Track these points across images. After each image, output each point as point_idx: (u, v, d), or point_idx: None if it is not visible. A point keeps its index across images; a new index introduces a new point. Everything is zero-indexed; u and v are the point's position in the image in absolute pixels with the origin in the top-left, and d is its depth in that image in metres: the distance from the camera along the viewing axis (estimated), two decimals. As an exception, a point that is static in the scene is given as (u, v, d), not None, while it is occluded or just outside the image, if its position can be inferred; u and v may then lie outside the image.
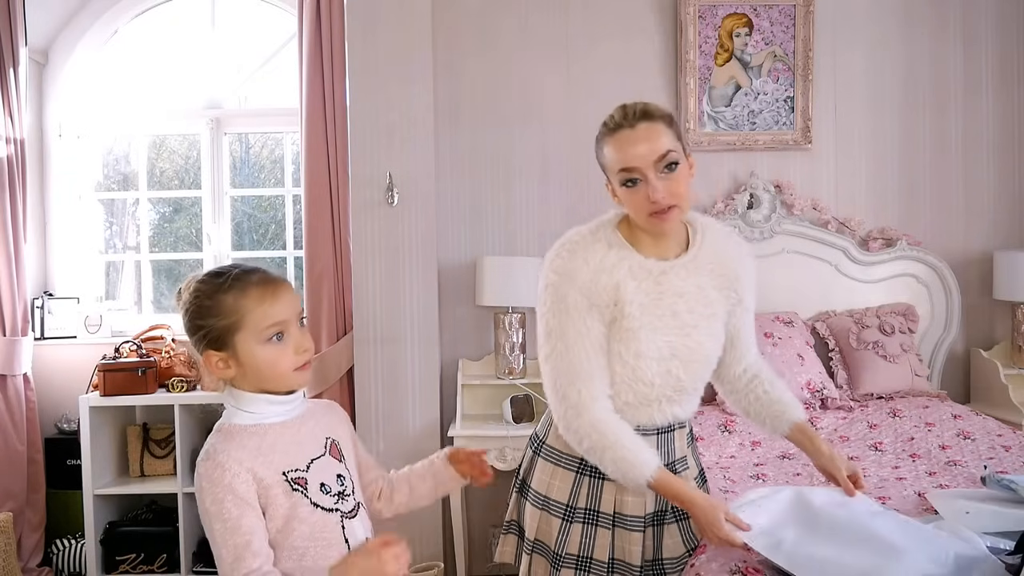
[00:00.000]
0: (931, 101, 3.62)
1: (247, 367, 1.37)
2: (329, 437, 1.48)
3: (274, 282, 1.39)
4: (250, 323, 1.35)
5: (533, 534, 1.78)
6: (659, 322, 1.65)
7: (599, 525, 1.73)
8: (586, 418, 1.62)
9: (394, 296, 3.28)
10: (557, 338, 1.64)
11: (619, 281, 1.63)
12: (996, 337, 3.62)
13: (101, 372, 3.44)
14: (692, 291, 1.68)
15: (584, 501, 1.73)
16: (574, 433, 1.65)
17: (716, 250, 1.74)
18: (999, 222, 3.63)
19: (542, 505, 1.76)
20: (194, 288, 1.38)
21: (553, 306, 1.64)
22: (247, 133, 4.11)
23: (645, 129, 1.59)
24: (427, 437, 3.30)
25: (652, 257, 1.67)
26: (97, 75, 3.97)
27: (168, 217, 4.20)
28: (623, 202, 1.65)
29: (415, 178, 3.26)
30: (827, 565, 1.49)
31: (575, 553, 1.73)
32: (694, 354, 1.70)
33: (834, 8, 3.57)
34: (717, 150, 3.58)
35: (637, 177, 1.59)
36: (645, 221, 1.63)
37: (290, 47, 3.83)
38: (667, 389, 1.69)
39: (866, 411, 3.08)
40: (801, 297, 3.51)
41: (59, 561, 3.58)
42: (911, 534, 1.58)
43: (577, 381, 1.63)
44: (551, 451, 1.76)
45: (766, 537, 1.58)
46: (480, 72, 3.57)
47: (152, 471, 3.62)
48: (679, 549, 1.74)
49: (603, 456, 1.62)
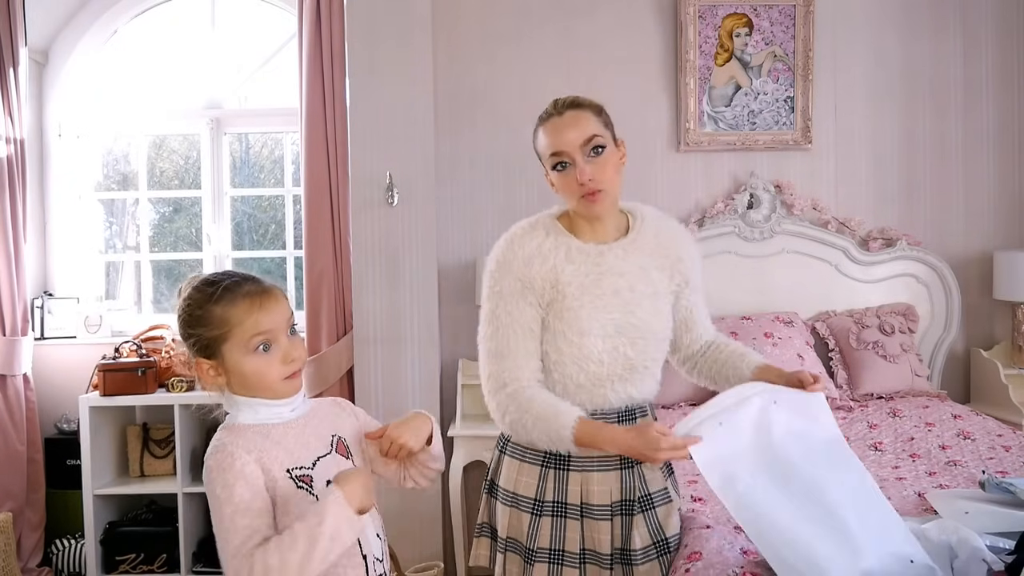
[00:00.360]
0: (931, 101, 3.62)
1: (235, 376, 1.38)
2: (335, 435, 1.48)
3: (264, 292, 1.39)
4: (237, 334, 1.36)
5: (505, 532, 1.79)
6: (600, 301, 1.70)
7: (568, 517, 1.75)
8: (507, 391, 1.69)
9: (394, 296, 3.28)
10: (488, 322, 1.73)
11: (555, 264, 1.70)
12: (996, 337, 3.63)
13: (101, 372, 3.44)
14: (632, 270, 1.74)
15: (551, 494, 1.75)
16: (497, 408, 1.71)
17: (656, 233, 1.80)
18: (999, 222, 3.63)
19: (511, 502, 1.79)
20: (186, 296, 1.39)
21: (489, 292, 1.74)
22: (247, 133, 4.12)
23: (572, 116, 1.69)
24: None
25: (591, 242, 1.74)
26: (97, 75, 3.97)
27: (168, 217, 4.20)
28: (558, 189, 1.74)
29: (415, 178, 3.26)
30: (775, 533, 1.50)
31: (547, 547, 1.75)
32: (639, 331, 1.74)
33: (834, 8, 3.57)
34: (717, 150, 3.58)
35: (566, 161, 1.69)
36: (577, 204, 1.71)
37: (290, 47, 3.83)
38: (616, 367, 1.73)
39: (866, 411, 3.08)
40: (801, 297, 3.51)
41: (59, 561, 3.58)
42: (868, 520, 1.56)
43: (503, 360, 1.70)
44: (515, 448, 1.79)
45: (721, 466, 1.57)
46: (480, 72, 3.57)
47: (152, 471, 3.62)
48: (647, 540, 1.75)
49: (525, 422, 1.67)
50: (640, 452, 1.60)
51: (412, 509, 3.30)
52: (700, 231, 3.49)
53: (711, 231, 3.50)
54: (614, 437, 1.63)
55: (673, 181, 3.60)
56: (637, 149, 3.59)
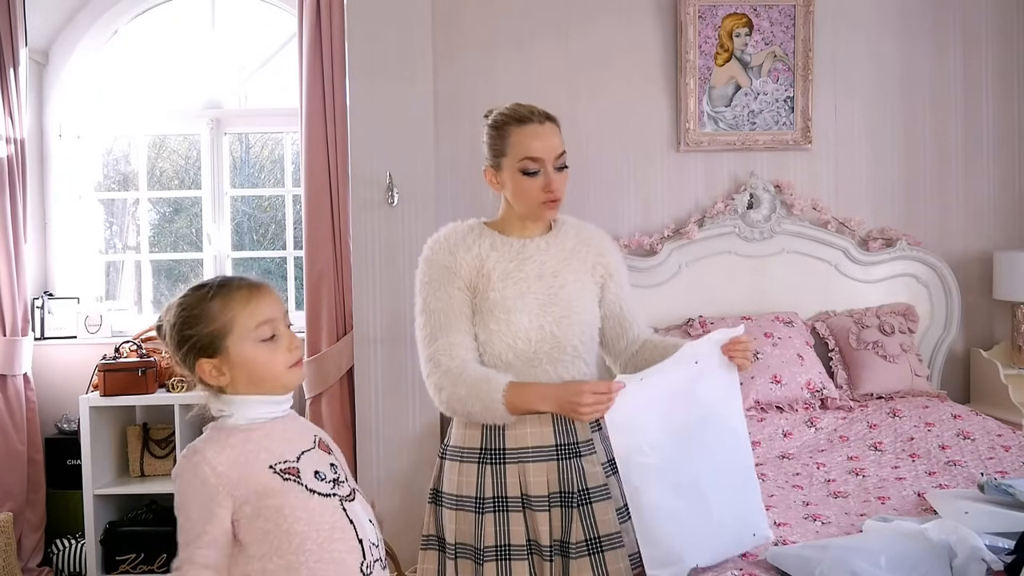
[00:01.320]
0: (931, 101, 3.62)
1: (241, 370, 1.40)
2: (317, 434, 1.51)
3: (257, 284, 1.44)
4: (239, 324, 1.39)
5: (454, 538, 1.81)
6: (524, 284, 1.80)
7: (510, 510, 1.77)
8: (441, 369, 1.75)
9: (394, 296, 3.28)
10: (422, 312, 1.83)
11: (479, 253, 1.82)
12: (996, 337, 3.62)
13: (101, 372, 3.44)
14: (554, 259, 1.84)
15: (491, 490, 1.77)
16: (434, 387, 1.77)
17: (577, 233, 1.90)
18: (999, 222, 3.64)
19: (456, 505, 1.81)
20: (178, 303, 1.42)
21: (419, 286, 1.86)
22: (247, 133, 4.12)
23: (550, 128, 1.81)
24: (427, 437, 3.30)
25: (515, 236, 1.85)
26: (97, 75, 3.97)
27: (168, 217, 4.20)
28: (514, 188, 1.81)
29: (415, 178, 3.26)
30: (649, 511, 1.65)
31: (493, 544, 1.76)
32: (563, 310, 1.80)
33: (834, 8, 3.57)
34: (717, 150, 3.58)
35: (539, 168, 1.78)
36: (536, 208, 1.81)
37: (290, 47, 3.83)
38: (544, 346, 1.78)
39: (866, 411, 3.09)
40: (801, 297, 3.51)
41: (59, 561, 3.58)
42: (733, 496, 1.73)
43: (435, 342, 1.78)
44: (454, 450, 1.84)
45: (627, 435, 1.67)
46: (480, 72, 3.57)
47: (152, 471, 3.62)
48: (580, 535, 1.75)
49: (460, 394, 1.72)
50: (567, 400, 1.67)
51: (412, 509, 3.30)
52: (700, 231, 3.49)
53: (711, 231, 3.50)
54: (543, 393, 1.72)
55: (673, 181, 3.60)
56: (637, 149, 3.61)
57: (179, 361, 1.44)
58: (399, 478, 3.29)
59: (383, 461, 3.28)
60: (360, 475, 3.30)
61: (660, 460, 1.64)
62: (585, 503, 1.76)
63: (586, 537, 1.75)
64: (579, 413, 1.66)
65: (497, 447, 1.78)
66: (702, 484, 1.69)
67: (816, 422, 3.01)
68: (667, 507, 1.64)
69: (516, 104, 1.83)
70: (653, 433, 1.67)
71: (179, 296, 1.44)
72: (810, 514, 2.17)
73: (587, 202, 3.47)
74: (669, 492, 1.65)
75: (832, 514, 2.17)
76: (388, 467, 3.28)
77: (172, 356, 1.45)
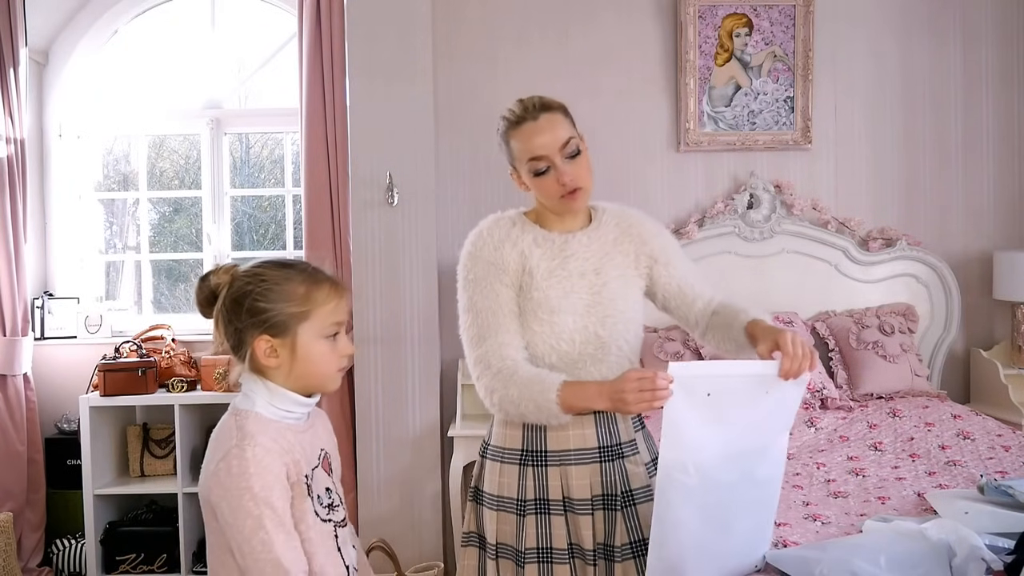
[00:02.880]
0: (931, 101, 3.62)
1: (299, 359, 1.38)
2: (323, 449, 1.48)
3: (341, 285, 1.44)
4: (317, 316, 1.38)
5: (495, 538, 1.78)
6: (567, 282, 1.74)
7: (551, 513, 1.74)
8: (491, 371, 1.69)
9: (394, 296, 3.28)
10: (467, 311, 1.76)
11: (524, 249, 1.76)
12: (996, 337, 3.62)
13: (101, 372, 3.45)
14: (596, 255, 1.79)
15: (532, 492, 1.74)
16: (485, 390, 1.70)
17: (617, 223, 1.84)
18: (999, 222, 3.63)
19: (497, 506, 1.78)
20: (256, 272, 1.37)
21: (464, 283, 1.77)
22: (247, 133, 4.12)
23: (547, 120, 1.72)
24: (427, 437, 3.30)
25: (556, 231, 1.79)
26: (97, 75, 3.97)
27: (168, 217, 4.20)
28: (534, 190, 1.77)
29: (415, 178, 3.26)
30: (673, 532, 1.53)
31: (535, 546, 1.74)
32: (607, 309, 1.75)
33: (834, 8, 3.57)
34: (717, 150, 3.58)
35: (547, 165, 1.72)
36: (557, 203, 1.75)
37: (290, 47, 3.83)
38: (588, 347, 1.74)
39: (866, 411, 3.08)
40: (801, 297, 3.51)
41: (59, 561, 3.58)
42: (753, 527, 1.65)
43: (484, 342, 1.72)
44: (495, 450, 1.80)
45: (678, 451, 1.51)
46: (480, 72, 3.57)
47: (152, 471, 3.62)
48: (625, 538, 1.74)
49: (512, 396, 1.65)
50: (615, 391, 1.56)
51: (412, 509, 3.30)
52: (700, 231, 3.49)
53: (711, 231, 3.50)
54: (598, 389, 1.61)
55: (673, 181, 3.60)
56: (637, 149, 3.61)
57: (233, 329, 1.36)
58: (399, 478, 3.29)
59: (383, 461, 3.28)
60: (360, 475, 3.30)
61: (700, 482, 1.54)
62: (629, 505, 1.74)
63: (631, 539, 1.73)
64: (626, 403, 1.54)
65: (539, 449, 1.74)
66: (730, 510, 1.59)
67: (816, 422, 3.00)
68: (690, 526, 1.56)
69: (516, 102, 1.77)
70: (706, 455, 1.54)
71: (254, 264, 1.39)
72: (810, 514, 2.17)
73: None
74: (696, 512, 1.56)
75: (832, 514, 2.17)
76: (388, 467, 3.28)
77: (224, 320, 1.37)
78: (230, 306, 1.36)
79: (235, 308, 1.36)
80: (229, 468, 1.29)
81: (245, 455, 1.29)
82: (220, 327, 1.39)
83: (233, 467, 1.28)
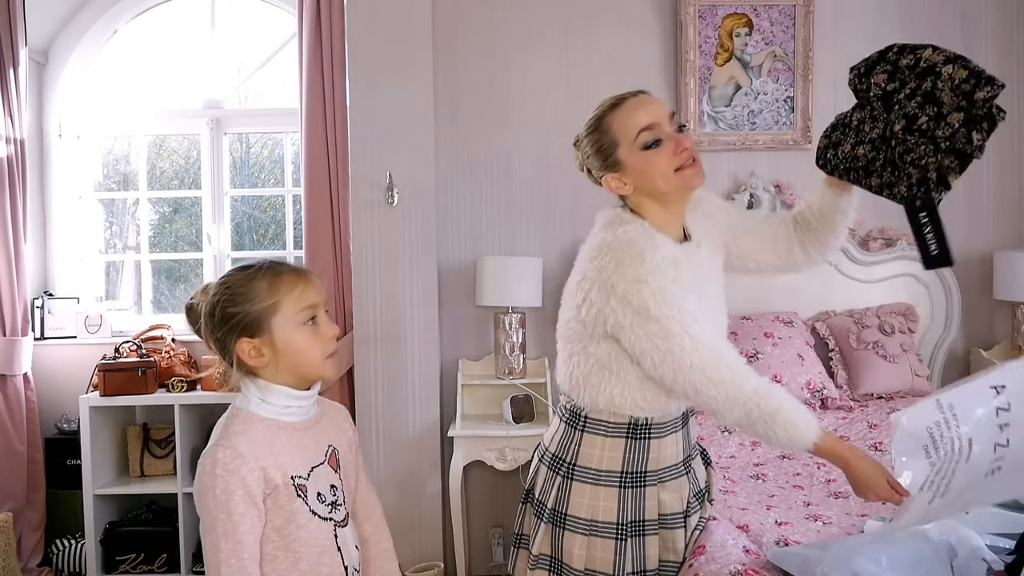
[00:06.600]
0: (931, 101, 3.61)
1: (282, 352, 1.40)
2: (331, 445, 1.49)
3: (304, 270, 1.46)
4: (286, 305, 1.40)
5: (583, 564, 1.66)
6: (697, 292, 1.62)
7: (646, 534, 1.68)
8: (747, 389, 1.53)
9: (394, 296, 3.28)
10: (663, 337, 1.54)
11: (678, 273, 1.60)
12: (996, 337, 3.63)
13: (101, 372, 3.44)
14: (714, 270, 1.74)
15: (631, 515, 1.66)
16: (736, 405, 1.53)
17: (700, 215, 1.78)
18: (999, 222, 3.63)
19: (588, 531, 1.66)
20: (222, 281, 1.42)
21: (654, 307, 1.54)
22: (247, 133, 4.12)
23: (647, 97, 1.66)
24: (427, 437, 3.30)
25: (669, 237, 1.66)
26: (97, 75, 3.97)
27: (168, 217, 4.20)
28: (644, 170, 1.63)
29: (415, 178, 3.26)
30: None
31: (631, 570, 1.66)
32: (725, 316, 1.74)
33: (834, 8, 3.57)
34: (717, 150, 3.58)
35: (659, 136, 1.61)
36: (676, 179, 1.63)
37: (290, 47, 3.83)
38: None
39: (866, 411, 3.08)
40: (801, 297, 3.51)
41: (59, 561, 3.58)
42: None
43: (720, 367, 1.53)
44: (586, 472, 1.67)
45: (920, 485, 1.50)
46: (480, 72, 3.57)
47: (152, 471, 3.62)
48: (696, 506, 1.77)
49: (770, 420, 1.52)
50: (860, 482, 1.54)
51: (412, 509, 3.30)
52: (700, 231, 3.49)
53: (711, 231, 3.50)
54: (846, 457, 1.56)
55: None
56: (637, 149, 3.60)
57: (216, 340, 1.42)
58: (399, 478, 3.29)
59: (383, 461, 3.28)
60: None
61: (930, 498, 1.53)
62: (696, 511, 1.77)
63: (684, 542, 1.73)
64: (869, 493, 1.53)
65: (639, 471, 1.66)
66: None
67: (816, 422, 3.00)
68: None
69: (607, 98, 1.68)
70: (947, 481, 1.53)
71: (221, 276, 1.44)
72: (811, 514, 2.17)
73: (587, 203, 3.47)
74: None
75: (833, 514, 2.17)
76: (388, 467, 3.28)
77: (208, 335, 1.43)
78: (207, 320, 1.42)
79: (211, 320, 1.41)
80: (203, 466, 1.35)
81: (216, 456, 1.34)
82: (207, 341, 1.44)
83: (206, 465, 1.34)
